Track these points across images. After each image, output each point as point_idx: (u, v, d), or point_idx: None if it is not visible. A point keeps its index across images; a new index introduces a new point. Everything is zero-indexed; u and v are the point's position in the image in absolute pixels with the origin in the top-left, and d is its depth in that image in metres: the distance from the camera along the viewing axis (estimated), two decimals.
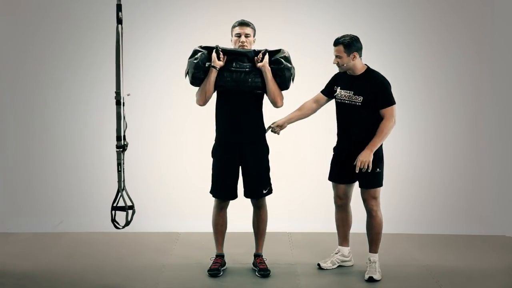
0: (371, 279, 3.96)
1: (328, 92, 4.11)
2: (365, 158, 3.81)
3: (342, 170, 4.04)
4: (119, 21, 3.75)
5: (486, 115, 5.45)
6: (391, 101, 3.88)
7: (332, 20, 5.32)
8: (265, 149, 4.04)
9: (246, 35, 3.94)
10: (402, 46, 5.39)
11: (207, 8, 5.33)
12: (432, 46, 5.38)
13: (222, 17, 5.29)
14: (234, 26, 3.98)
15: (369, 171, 3.83)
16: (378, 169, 3.93)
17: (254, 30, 4.00)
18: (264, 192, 4.03)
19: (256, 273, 4.07)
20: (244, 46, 3.94)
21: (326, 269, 4.14)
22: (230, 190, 4.02)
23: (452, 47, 5.39)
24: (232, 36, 4.00)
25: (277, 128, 4.10)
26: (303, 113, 4.17)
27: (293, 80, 4.01)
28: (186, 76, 4.02)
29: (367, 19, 5.31)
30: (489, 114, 5.44)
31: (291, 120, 4.15)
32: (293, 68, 3.99)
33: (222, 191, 4.03)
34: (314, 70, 5.25)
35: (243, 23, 3.96)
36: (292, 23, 5.35)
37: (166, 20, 5.34)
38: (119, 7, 3.76)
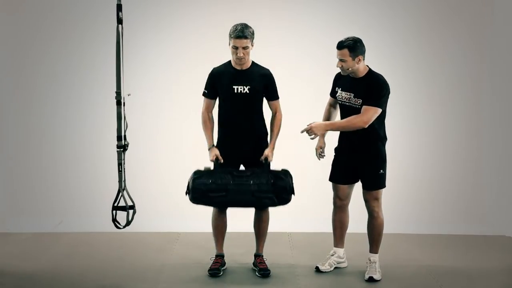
0: (371, 279, 3.96)
1: (334, 93, 4.08)
2: (315, 129, 3.82)
3: (343, 171, 4.03)
4: (120, 21, 3.75)
5: (486, 115, 5.45)
6: (376, 103, 3.79)
7: (332, 20, 5.32)
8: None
9: (244, 48, 3.83)
10: (402, 46, 5.39)
11: (207, 8, 5.33)
12: (432, 46, 5.38)
13: (222, 17, 5.29)
14: (231, 36, 3.84)
15: (311, 137, 3.86)
16: (381, 170, 3.93)
17: (252, 37, 3.87)
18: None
19: (256, 273, 4.07)
20: (241, 59, 3.87)
21: (325, 271, 4.13)
22: None
23: (452, 47, 5.39)
24: (230, 43, 3.88)
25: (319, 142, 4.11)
26: (330, 119, 4.15)
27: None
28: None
29: (367, 19, 5.31)
30: (489, 114, 5.44)
31: (325, 133, 4.14)
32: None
33: None
34: (314, 70, 5.27)
35: (240, 36, 3.80)
36: (292, 23, 5.35)
37: (166, 20, 5.34)
38: (119, 7, 3.76)
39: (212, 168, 3.98)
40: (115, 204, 3.80)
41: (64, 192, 5.39)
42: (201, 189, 3.85)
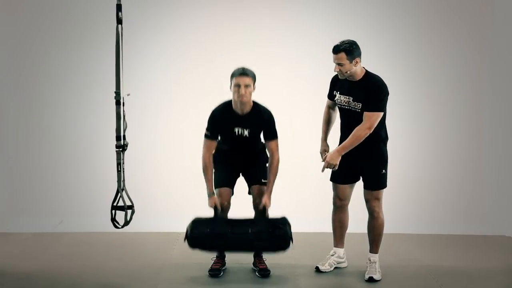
0: (371, 279, 3.95)
1: (331, 96, 4.07)
2: (332, 161, 3.81)
3: (344, 171, 4.02)
4: (119, 21, 3.75)
5: (486, 115, 5.45)
6: (377, 107, 3.78)
7: (332, 20, 5.33)
8: (265, 157, 4.07)
9: (246, 86, 3.80)
10: (402, 46, 5.39)
11: (207, 8, 5.33)
12: (432, 46, 5.39)
13: (222, 17, 5.30)
14: (233, 75, 3.84)
15: (333, 169, 3.85)
16: (383, 170, 3.93)
17: (254, 78, 3.87)
18: (263, 181, 4.03)
19: (256, 273, 4.06)
20: (243, 98, 3.83)
21: (325, 271, 4.13)
22: (226, 180, 4.06)
23: (452, 47, 5.39)
24: (231, 84, 3.85)
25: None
26: (331, 121, 4.17)
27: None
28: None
29: (367, 19, 5.31)
30: (489, 114, 5.44)
31: (327, 136, 4.16)
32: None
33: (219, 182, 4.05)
34: (314, 70, 5.26)
35: (242, 73, 3.81)
36: (292, 23, 5.35)
37: (165, 20, 5.35)
38: (119, 7, 3.76)
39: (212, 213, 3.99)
40: (114, 204, 3.82)
41: (64, 192, 5.39)
42: (199, 238, 3.86)
